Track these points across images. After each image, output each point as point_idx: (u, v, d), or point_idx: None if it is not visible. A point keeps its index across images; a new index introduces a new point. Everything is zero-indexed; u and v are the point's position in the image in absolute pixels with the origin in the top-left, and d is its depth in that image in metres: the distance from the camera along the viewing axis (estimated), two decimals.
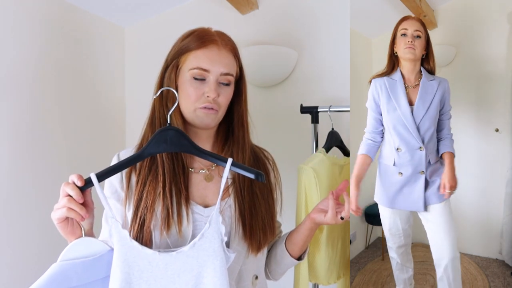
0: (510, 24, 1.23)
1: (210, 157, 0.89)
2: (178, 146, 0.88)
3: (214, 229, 0.83)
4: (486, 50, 1.27)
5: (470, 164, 1.32)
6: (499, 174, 1.26)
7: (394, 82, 1.31)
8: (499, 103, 1.24)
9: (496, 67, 1.25)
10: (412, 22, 1.29)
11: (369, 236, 1.46)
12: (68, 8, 1.68)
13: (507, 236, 1.26)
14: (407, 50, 1.28)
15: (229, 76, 0.97)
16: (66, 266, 0.80)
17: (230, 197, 0.98)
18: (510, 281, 1.25)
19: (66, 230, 0.84)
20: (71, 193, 0.81)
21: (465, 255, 1.32)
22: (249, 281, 0.99)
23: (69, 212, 0.81)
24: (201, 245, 0.83)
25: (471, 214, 1.31)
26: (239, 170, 0.87)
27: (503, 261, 1.28)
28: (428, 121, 1.28)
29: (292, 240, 1.07)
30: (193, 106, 0.95)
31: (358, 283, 1.38)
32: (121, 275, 0.80)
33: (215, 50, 0.95)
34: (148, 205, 0.90)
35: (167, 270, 0.82)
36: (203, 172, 1.00)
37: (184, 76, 0.95)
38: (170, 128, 0.88)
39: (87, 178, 0.83)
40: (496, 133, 1.26)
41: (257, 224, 0.96)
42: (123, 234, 0.82)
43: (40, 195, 1.54)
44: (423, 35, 1.30)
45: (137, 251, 0.82)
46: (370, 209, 1.42)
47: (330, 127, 1.44)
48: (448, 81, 1.31)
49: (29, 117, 1.51)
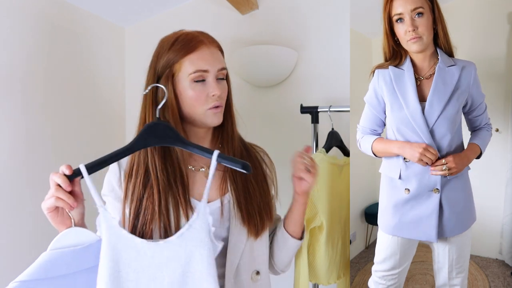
0: (510, 24, 1.23)
1: (195, 149, 0.90)
2: (164, 139, 0.90)
3: (202, 219, 0.85)
4: (486, 50, 1.27)
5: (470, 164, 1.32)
6: (499, 174, 1.26)
7: (401, 72, 1.01)
8: (499, 103, 1.24)
9: (496, 67, 1.25)
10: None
11: (369, 236, 1.46)
12: (68, 8, 1.68)
13: (507, 236, 1.26)
14: (411, 43, 0.99)
15: (224, 70, 1.00)
16: (55, 254, 0.81)
17: (228, 192, 1.00)
18: (510, 281, 1.25)
19: (56, 220, 0.85)
20: (58, 181, 0.82)
21: None
22: (247, 275, 1.00)
23: (57, 201, 0.82)
24: (188, 235, 0.84)
25: None
26: (226, 162, 0.88)
27: (503, 261, 1.28)
28: (446, 123, 0.98)
29: (290, 219, 1.08)
30: (201, 108, 0.96)
31: (358, 283, 1.38)
32: (109, 264, 0.81)
33: (206, 50, 0.97)
34: (147, 221, 0.91)
35: (155, 258, 0.83)
36: (203, 170, 1.02)
37: (184, 82, 0.96)
38: (159, 122, 0.91)
39: (76, 169, 0.84)
40: (496, 133, 1.26)
41: (253, 209, 0.99)
42: (112, 223, 0.83)
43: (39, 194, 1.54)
44: (426, 8, 0.96)
45: (125, 240, 0.83)
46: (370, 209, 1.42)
47: (330, 127, 1.44)
48: (475, 65, 1.00)
49: (29, 117, 1.51)
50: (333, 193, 1.33)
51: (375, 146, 1.15)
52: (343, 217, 1.40)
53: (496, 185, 1.26)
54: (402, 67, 1.02)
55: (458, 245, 1.11)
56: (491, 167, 1.27)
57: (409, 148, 1.03)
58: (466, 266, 1.12)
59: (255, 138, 1.16)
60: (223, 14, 1.80)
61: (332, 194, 1.32)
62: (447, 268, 1.10)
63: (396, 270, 1.15)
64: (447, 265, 1.10)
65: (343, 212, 1.40)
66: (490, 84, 1.27)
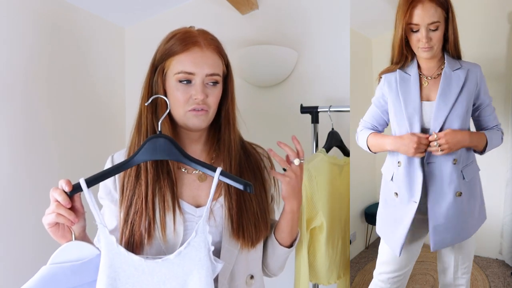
0: (510, 24, 1.23)
1: (199, 166, 0.88)
2: (167, 154, 0.88)
3: (201, 238, 0.83)
4: (486, 50, 1.27)
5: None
6: (499, 174, 1.26)
7: (408, 77, 1.03)
8: (499, 103, 1.24)
9: (496, 67, 1.25)
10: (423, 10, 0.97)
11: (369, 236, 1.46)
12: (68, 8, 1.68)
13: (507, 236, 1.26)
14: (422, 51, 1.02)
15: (215, 76, 0.96)
16: (55, 269, 0.81)
17: (221, 196, 0.98)
18: (510, 281, 1.25)
19: (57, 234, 0.85)
20: (59, 199, 0.82)
21: None
22: (242, 280, 0.99)
23: (58, 217, 0.81)
24: (187, 254, 0.83)
25: None
26: (228, 180, 0.86)
27: (503, 261, 1.28)
28: (457, 122, 0.98)
29: (279, 227, 1.06)
30: (182, 109, 0.94)
31: (358, 283, 1.38)
32: (107, 280, 0.81)
33: (198, 52, 0.94)
34: (137, 211, 0.91)
35: (153, 277, 0.82)
36: (196, 173, 1.00)
37: (171, 81, 0.95)
38: (161, 135, 0.89)
39: (76, 184, 0.83)
40: None
41: (248, 220, 0.96)
42: (110, 240, 0.83)
43: (39, 197, 1.54)
44: (441, 23, 0.99)
45: (123, 257, 0.83)
46: (370, 209, 1.42)
47: (330, 127, 1.44)
48: (480, 67, 1.03)
49: (28, 118, 1.51)
50: (333, 193, 1.33)
51: (370, 140, 1.14)
52: (343, 217, 1.40)
53: (496, 185, 1.26)
54: (409, 72, 1.03)
55: (463, 245, 1.12)
56: (491, 167, 1.27)
57: (401, 144, 1.02)
58: (471, 266, 1.11)
59: (255, 138, 1.16)
60: (223, 14, 1.80)
61: (332, 194, 1.32)
62: (453, 268, 1.10)
63: (401, 271, 1.13)
64: (453, 265, 1.10)
65: (343, 212, 1.40)
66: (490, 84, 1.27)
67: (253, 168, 1.03)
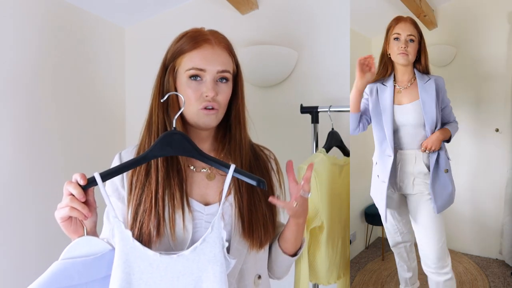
0: (510, 24, 1.23)
1: (213, 162, 0.89)
2: (182, 150, 0.89)
3: (216, 234, 0.83)
4: (486, 50, 1.27)
5: (470, 164, 1.32)
6: (499, 174, 1.26)
7: (385, 88, 1.33)
8: (499, 103, 1.24)
9: (496, 67, 1.25)
10: (405, 25, 1.30)
11: (369, 236, 1.46)
12: (68, 8, 1.68)
13: (507, 236, 1.26)
14: (400, 56, 1.30)
15: (226, 72, 0.97)
16: (67, 264, 0.80)
17: (231, 195, 0.98)
18: (510, 281, 1.25)
19: (69, 229, 0.84)
20: (73, 192, 0.81)
21: (465, 255, 1.32)
22: (250, 280, 0.99)
23: (71, 211, 0.81)
24: (202, 250, 0.83)
25: (471, 214, 1.31)
26: (242, 176, 0.87)
27: (503, 261, 1.28)
28: (434, 119, 1.28)
29: (283, 237, 1.06)
30: (194, 107, 0.95)
31: (358, 283, 1.38)
32: (121, 275, 0.80)
33: (209, 49, 0.95)
34: (146, 209, 0.91)
35: (167, 272, 0.82)
36: (205, 171, 1.00)
37: (182, 78, 0.96)
38: (175, 132, 0.89)
39: (90, 178, 0.83)
40: (496, 133, 1.26)
41: (257, 221, 0.96)
42: (125, 234, 0.82)
43: (42, 195, 1.54)
44: (416, 38, 1.30)
45: (138, 252, 0.82)
46: (370, 209, 1.42)
47: (330, 127, 1.44)
48: (443, 78, 1.32)
49: (29, 117, 1.51)
50: (333, 193, 1.33)
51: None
52: (343, 217, 1.40)
53: (496, 185, 1.27)
54: (386, 84, 1.34)
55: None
56: (491, 167, 1.27)
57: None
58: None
59: (255, 138, 1.16)
60: (223, 14, 1.81)
61: (332, 194, 1.32)
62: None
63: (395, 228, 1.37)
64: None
65: (343, 212, 1.40)
66: (490, 84, 1.27)
67: (261, 169, 1.04)
